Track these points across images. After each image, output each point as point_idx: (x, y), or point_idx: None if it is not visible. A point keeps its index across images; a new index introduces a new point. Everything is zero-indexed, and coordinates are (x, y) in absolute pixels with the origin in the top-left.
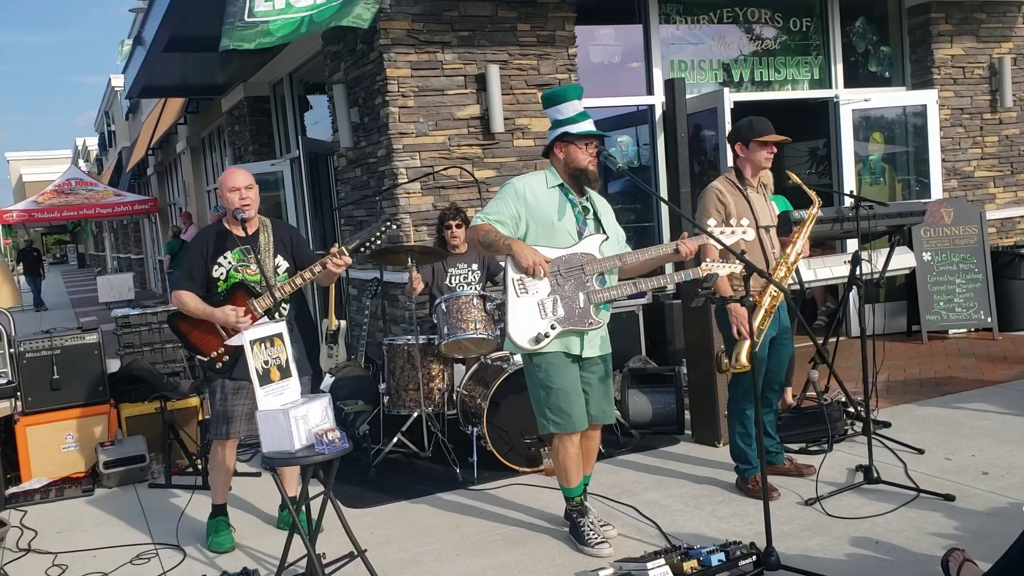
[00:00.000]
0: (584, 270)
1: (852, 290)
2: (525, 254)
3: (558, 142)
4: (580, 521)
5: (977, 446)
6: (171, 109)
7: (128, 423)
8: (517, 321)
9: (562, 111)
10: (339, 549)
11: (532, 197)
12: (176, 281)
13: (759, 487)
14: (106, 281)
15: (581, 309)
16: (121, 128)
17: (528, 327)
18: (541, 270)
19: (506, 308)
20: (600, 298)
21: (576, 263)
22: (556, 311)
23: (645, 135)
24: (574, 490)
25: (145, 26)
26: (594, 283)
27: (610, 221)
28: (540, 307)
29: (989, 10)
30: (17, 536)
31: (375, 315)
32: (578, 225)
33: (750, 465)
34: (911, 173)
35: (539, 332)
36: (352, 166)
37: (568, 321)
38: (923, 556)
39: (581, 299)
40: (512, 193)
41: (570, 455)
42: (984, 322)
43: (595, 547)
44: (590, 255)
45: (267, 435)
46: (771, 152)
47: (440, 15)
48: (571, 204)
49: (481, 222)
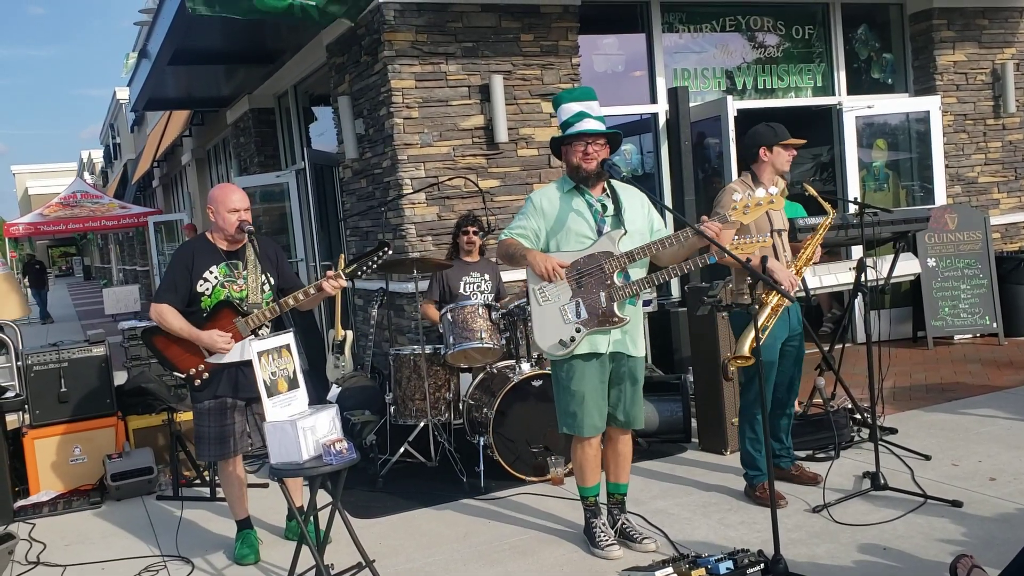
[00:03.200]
0: (604, 268)
1: (857, 297)
2: (538, 262)
3: (562, 146)
4: (592, 522)
5: (984, 452)
6: (176, 121)
7: (136, 435)
8: (544, 329)
9: (560, 115)
10: (347, 560)
11: (548, 206)
12: (159, 293)
13: (767, 495)
14: (112, 293)
15: (604, 308)
16: (126, 140)
17: (553, 334)
18: (556, 275)
19: (532, 317)
20: (623, 294)
21: (595, 262)
22: (579, 314)
23: (649, 143)
24: (588, 490)
25: (150, 39)
26: (615, 280)
27: (636, 214)
28: (562, 312)
29: (991, 16)
30: (26, 549)
31: (381, 325)
32: (596, 224)
33: (759, 472)
34: (915, 179)
35: (563, 337)
36: (357, 177)
37: (592, 322)
38: (931, 563)
39: (603, 298)
40: (530, 207)
41: (586, 456)
42: (989, 327)
43: (605, 548)
44: (608, 252)
45: (275, 446)
46: (791, 155)
47: (444, 26)
48: (587, 204)
49: (505, 237)
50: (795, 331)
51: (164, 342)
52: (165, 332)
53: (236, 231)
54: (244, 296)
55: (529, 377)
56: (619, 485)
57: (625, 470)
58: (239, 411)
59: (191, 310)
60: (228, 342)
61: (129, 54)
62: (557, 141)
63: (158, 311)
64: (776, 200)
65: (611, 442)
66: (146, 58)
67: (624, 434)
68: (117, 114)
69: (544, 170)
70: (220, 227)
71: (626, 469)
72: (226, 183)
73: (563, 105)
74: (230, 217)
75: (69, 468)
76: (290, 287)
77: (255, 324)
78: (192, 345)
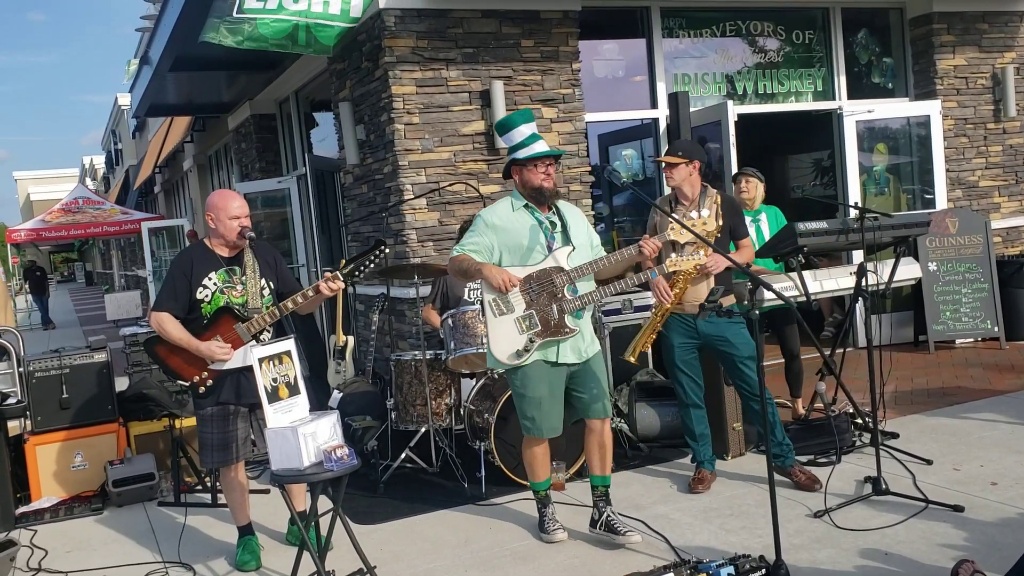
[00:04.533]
0: (555, 282)
1: (858, 301)
2: (494, 275)
3: (514, 166)
4: (543, 511)
5: (986, 456)
6: (178, 127)
7: (137, 441)
8: (498, 340)
9: (512, 137)
10: (349, 566)
11: (500, 222)
12: (159, 301)
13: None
14: (114, 299)
15: (556, 320)
16: (128, 146)
17: (508, 344)
18: (511, 288)
19: (487, 329)
20: (572, 307)
21: (547, 277)
22: (533, 325)
23: (649, 148)
24: (539, 484)
25: (152, 46)
26: (566, 293)
27: (579, 231)
28: (517, 323)
29: (991, 20)
30: (27, 556)
31: (382, 331)
32: (547, 240)
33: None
34: (915, 183)
35: (518, 347)
36: (358, 183)
37: (545, 333)
38: (933, 568)
39: (555, 310)
40: (482, 224)
41: (535, 455)
42: (991, 331)
43: (550, 533)
44: (559, 267)
45: (276, 452)
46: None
47: (444, 32)
48: (538, 221)
49: (457, 253)
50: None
51: (166, 351)
52: (166, 340)
53: (237, 237)
54: (243, 302)
55: None
56: (604, 477)
57: (608, 462)
58: (242, 417)
59: (191, 317)
60: (227, 352)
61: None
62: (514, 163)
63: (158, 320)
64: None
65: (593, 433)
66: (148, 64)
67: (604, 423)
68: (119, 120)
69: None
70: (221, 234)
71: (609, 461)
72: (225, 190)
73: (517, 128)
74: (231, 224)
75: (70, 474)
76: (289, 291)
77: (255, 329)
78: (192, 352)
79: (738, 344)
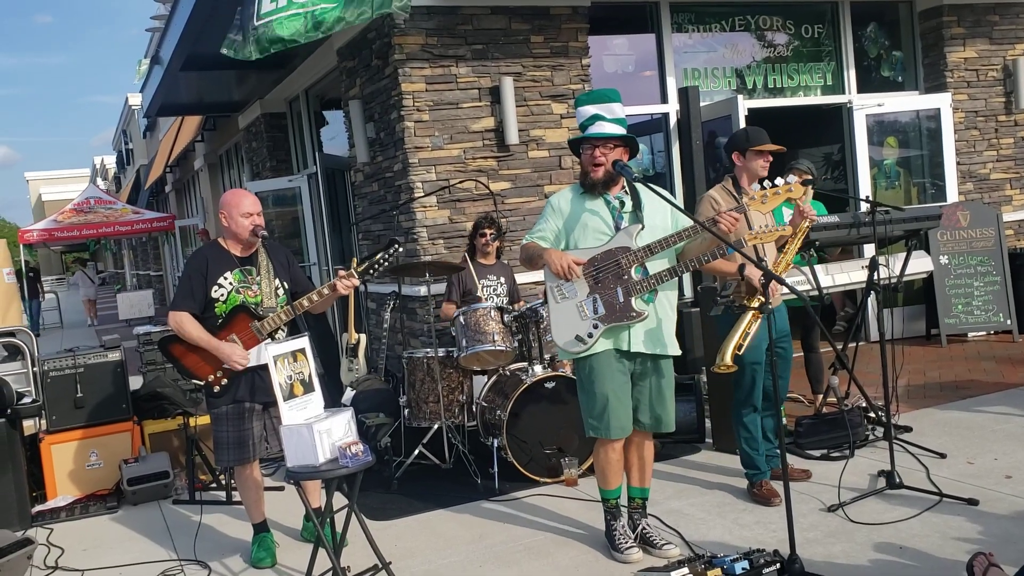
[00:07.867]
0: (621, 263)
1: (870, 295)
2: (553, 260)
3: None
4: (612, 524)
5: (1000, 449)
6: (188, 127)
7: (152, 440)
8: (561, 326)
9: (577, 118)
10: (364, 562)
11: (566, 206)
12: (176, 301)
13: (763, 492)
14: (126, 299)
15: (621, 303)
16: (139, 146)
17: (570, 330)
18: (572, 272)
19: (548, 316)
20: (640, 289)
21: (612, 258)
22: (596, 310)
23: (660, 143)
24: (610, 492)
25: (162, 46)
26: (633, 274)
27: (655, 210)
28: (579, 309)
29: (1002, 12)
30: (44, 554)
31: (394, 328)
32: (614, 220)
33: (758, 470)
34: (926, 177)
35: (580, 333)
36: (369, 181)
37: (610, 318)
38: (948, 561)
39: (620, 293)
40: (549, 209)
41: (609, 460)
42: (1003, 325)
43: (624, 552)
44: (625, 247)
45: (291, 449)
46: (767, 161)
47: (454, 29)
48: (605, 202)
49: (527, 241)
50: (782, 333)
51: (181, 350)
52: (182, 340)
53: (250, 235)
54: (259, 301)
55: (542, 379)
56: (642, 489)
57: (648, 474)
58: (257, 415)
59: (206, 316)
60: (245, 358)
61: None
62: (573, 143)
63: (177, 319)
64: (795, 189)
65: (633, 446)
66: (158, 64)
67: (648, 439)
68: (129, 120)
69: (555, 171)
70: (234, 232)
71: (649, 473)
72: (237, 188)
73: (579, 108)
74: (243, 222)
75: (86, 473)
76: (302, 291)
77: (271, 327)
78: (209, 352)
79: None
